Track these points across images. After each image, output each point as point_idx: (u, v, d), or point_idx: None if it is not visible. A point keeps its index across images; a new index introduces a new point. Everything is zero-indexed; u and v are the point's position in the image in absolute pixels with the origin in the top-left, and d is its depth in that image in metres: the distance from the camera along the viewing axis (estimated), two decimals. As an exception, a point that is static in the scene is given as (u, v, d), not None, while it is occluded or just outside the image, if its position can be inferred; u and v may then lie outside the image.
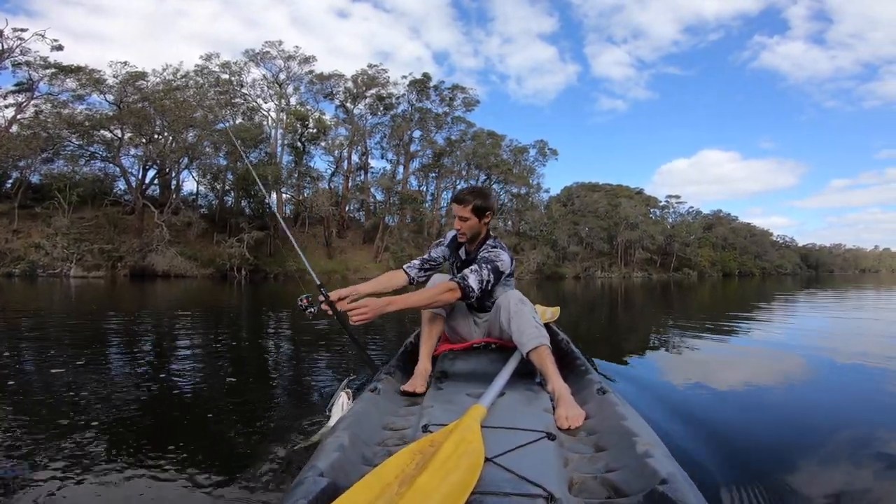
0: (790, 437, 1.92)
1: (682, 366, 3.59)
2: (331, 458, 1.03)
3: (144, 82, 28.33)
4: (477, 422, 1.18)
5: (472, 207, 1.95)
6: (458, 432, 1.10)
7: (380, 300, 1.63)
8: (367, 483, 0.92)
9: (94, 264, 23.56)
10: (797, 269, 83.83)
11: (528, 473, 0.97)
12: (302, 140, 35.09)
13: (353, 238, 38.35)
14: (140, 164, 29.08)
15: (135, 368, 3.37)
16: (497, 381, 1.53)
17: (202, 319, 6.20)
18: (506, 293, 1.92)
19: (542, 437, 1.17)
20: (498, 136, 43.30)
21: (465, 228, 1.99)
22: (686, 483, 0.91)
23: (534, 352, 1.67)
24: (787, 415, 2.26)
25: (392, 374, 1.85)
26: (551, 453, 1.11)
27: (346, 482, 0.96)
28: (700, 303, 11.70)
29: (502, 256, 1.94)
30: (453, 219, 2.01)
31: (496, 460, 1.04)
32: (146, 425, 2.07)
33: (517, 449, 1.10)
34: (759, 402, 2.55)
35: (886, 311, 9.02)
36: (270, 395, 2.66)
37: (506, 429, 1.23)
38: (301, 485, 0.91)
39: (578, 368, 1.92)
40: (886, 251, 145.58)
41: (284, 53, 37.36)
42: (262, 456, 1.66)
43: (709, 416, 2.14)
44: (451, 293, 1.77)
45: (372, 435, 1.31)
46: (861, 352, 4.14)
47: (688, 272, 54.61)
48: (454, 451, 1.00)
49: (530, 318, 1.74)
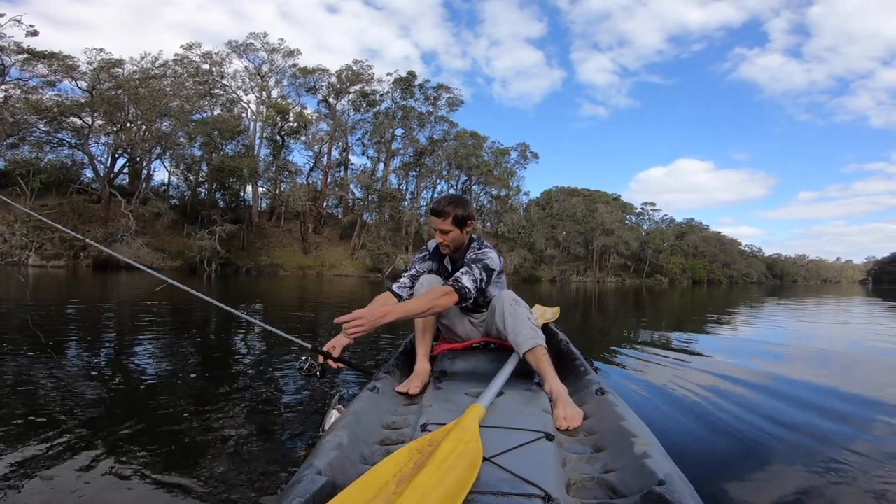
0: (739, 445, 1.92)
1: (647, 370, 3.65)
2: (329, 457, 1.02)
3: (120, 70, 27.68)
4: (475, 421, 1.18)
5: (453, 219, 1.88)
6: (456, 432, 1.09)
7: (376, 310, 1.54)
8: (365, 482, 0.92)
9: (55, 253, 22.62)
10: (763, 277, 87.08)
11: (526, 473, 0.96)
12: (281, 134, 34.53)
13: (329, 234, 37.89)
14: (109, 152, 28.20)
15: (94, 362, 3.22)
16: (496, 381, 1.52)
17: (168, 313, 5.97)
18: (500, 294, 1.88)
19: (540, 438, 1.17)
20: (480, 137, 43.52)
21: (448, 241, 1.92)
22: (683, 484, 0.91)
23: (530, 353, 1.65)
24: (737, 423, 2.24)
25: (391, 373, 1.83)
26: (549, 453, 1.10)
27: (344, 481, 0.96)
28: (671, 309, 11.99)
29: (490, 254, 1.91)
30: (435, 229, 1.93)
31: (494, 460, 1.03)
32: (112, 422, 1.96)
33: (515, 449, 1.10)
34: (710, 409, 2.54)
35: (845, 321, 9.42)
36: (246, 393, 2.55)
37: (504, 429, 1.23)
38: (299, 483, 0.90)
39: (577, 369, 1.91)
40: (848, 263, 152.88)
41: (269, 46, 36.78)
42: (251, 454, 1.62)
43: (661, 422, 2.15)
44: (447, 297, 1.70)
45: (370, 434, 1.30)
46: (819, 358, 4.30)
47: (660, 279, 56.01)
48: (452, 451, 1.00)
49: (525, 318, 1.71)
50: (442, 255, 2.06)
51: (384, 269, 32.39)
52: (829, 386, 3.07)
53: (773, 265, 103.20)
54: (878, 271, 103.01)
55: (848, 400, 2.71)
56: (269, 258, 31.34)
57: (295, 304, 9.25)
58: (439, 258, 2.08)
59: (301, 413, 2.18)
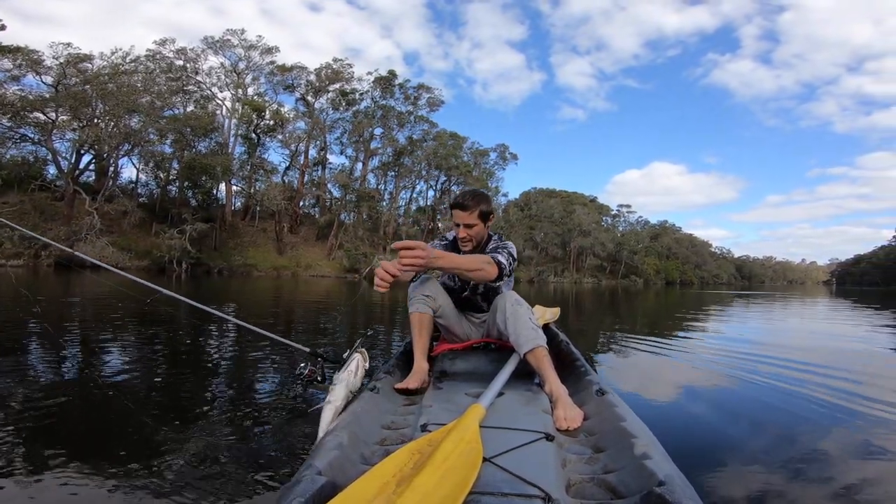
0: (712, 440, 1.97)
1: (620, 366, 3.66)
2: (329, 457, 1.02)
3: (89, 65, 26.83)
4: (476, 422, 1.17)
5: (479, 213, 1.87)
6: (456, 432, 1.09)
7: (433, 249, 1.46)
8: (365, 482, 0.91)
9: (15, 252, 21.56)
10: (732, 278, 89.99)
11: (526, 474, 0.96)
12: (256, 131, 33.86)
13: (306, 234, 37.31)
14: (74, 149, 27.17)
15: (55, 367, 3.03)
16: (496, 382, 1.52)
17: (133, 314, 5.69)
18: (502, 294, 1.87)
19: (540, 438, 1.17)
20: (460, 138, 43.62)
21: (472, 234, 1.90)
22: (683, 485, 0.91)
23: (530, 353, 1.64)
24: (737, 421, 2.28)
25: (391, 373, 1.83)
26: (549, 454, 1.10)
27: (344, 481, 0.96)
28: (645, 309, 12.21)
29: (511, 245, 1.94)
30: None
31: (494, 460, 1.03)
32: (94, 426, 1.88)
33: (515, 449, 1.09)
34: (682, 407, 2.60)
35: (810, 318, 9.76)
36: (238, 395, 2.48)
37: (504, 429, 1.22)
38: (299, 483, 0.89)
39: (577, 369, 1.91)
40: (813, 264, 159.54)
41: (246, 43, 36.08)
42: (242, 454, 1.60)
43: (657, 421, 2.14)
44: (491, 267, 1.70)
45: (370, 434, 1.30)
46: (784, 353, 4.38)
47: (635, 279, 57.22)
48: (453, 451, 1.00)
49: (527, 319, 1.70)
50: (458, 249, 2.00)
51: (361, 269, 32.06)
52: (829, 383, 3.07)
53: (742, 266, 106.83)
54: (841, 272, 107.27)
55: (848, 395, 2.71)
56: (242, 258, 30.66)
57: (270, 305, 9.00)
58: (457, 251, 2.01)
59: (300, 414, 2.16)
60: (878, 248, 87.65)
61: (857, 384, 3.09)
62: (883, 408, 2.46)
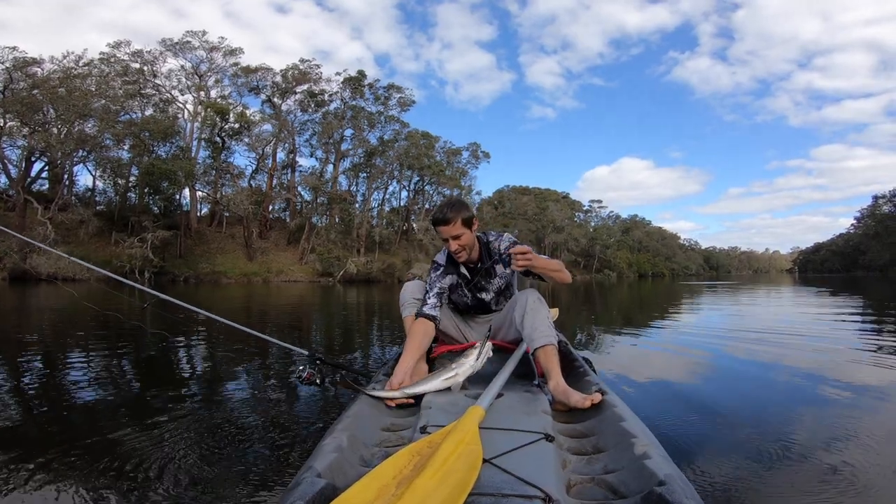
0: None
1: (604, 360, 3.63)
2: (328, 459, 1.02)
3: (38, 69, 25.72)
4: (475, 423, 1.17)
5: (462, 221, 1.86)
6: (456, 433, 1.09)
7: (534, 253, 1.70)
8: (365, 484, 0.91)
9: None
10: (701, 269, 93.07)
11: (526, 475, 0.96)
12: (221, 135, 32.86)
13: (276, 239, 36.43)
14: (23, 156, 25.76)
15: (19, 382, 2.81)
16: (495, 383, 1.52)
17: (93, 327, 5.28)
18: (525, 290, 1.91)
19: (540, 439, 1.16)
20: (432, 138, 43.44)
21: (463, 244, 1.90)
22: (684, 485, 0.91)
23: (542, 349, 1.68)
24: (735, 421, 2.19)
25: (390, 376, 1.79)
26: (549, 455, 1.10)
27: (343, 483, 0.96)
28: (620, 302, 12.38)
29: (511, 237, 2.00)
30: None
31: (494, 461, 1.02)
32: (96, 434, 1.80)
33: (515, 450, 1.09)
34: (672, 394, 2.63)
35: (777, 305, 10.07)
36: (234, 398, 2.45)
37: (504, 430, 1.22)
38: (298, 485, 0.90)
39: (577, 370, 1.94)
40: (776, 253, 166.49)
41: (207, 44, 35.01)
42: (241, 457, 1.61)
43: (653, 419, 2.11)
44: (566, 274, 1.88)
45: (370, 436, 1.31)
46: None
47: (608, 273, 58.39)
48: (452, 453, 1.00)
49: (545, 317, 1.76)
50: (457, 263, 2.00)
51: (335, 273, 31.51)
52: (827, 381, 2.96)
53: (710, 257, 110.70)
54: (803, 260, 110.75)
55: (847, 390, 2.65)
56: (210, 265, 29.69)
57: (243, 311, 8.61)
58: (456, 267, 2.01)
59: (299, 416, 2.15)
60: (837, 237, 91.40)
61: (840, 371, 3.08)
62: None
